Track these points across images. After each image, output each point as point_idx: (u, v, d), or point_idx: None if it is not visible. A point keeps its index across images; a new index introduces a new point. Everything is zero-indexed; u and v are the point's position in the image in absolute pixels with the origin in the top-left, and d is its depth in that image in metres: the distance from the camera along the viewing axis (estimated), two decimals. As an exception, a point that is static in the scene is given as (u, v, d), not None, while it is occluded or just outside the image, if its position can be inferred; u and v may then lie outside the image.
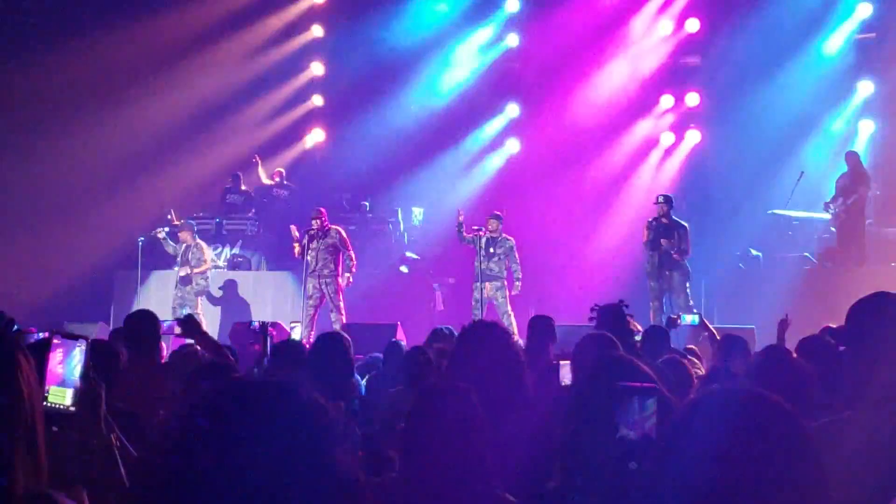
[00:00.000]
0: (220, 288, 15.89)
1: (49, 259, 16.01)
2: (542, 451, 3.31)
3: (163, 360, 6.63)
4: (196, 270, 15.08)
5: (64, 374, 2.59)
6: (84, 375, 2.62)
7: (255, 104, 18.27)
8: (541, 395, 4.35)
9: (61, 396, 2.57)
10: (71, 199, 16.35)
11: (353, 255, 14.15)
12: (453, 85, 18.83)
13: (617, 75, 18.06)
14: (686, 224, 13.91)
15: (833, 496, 1.70)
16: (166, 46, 17.03)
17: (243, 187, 17.68)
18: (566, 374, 4.50)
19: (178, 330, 5.97)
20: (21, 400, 2.01)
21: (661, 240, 13.58)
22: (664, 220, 13.73)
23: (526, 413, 3.85)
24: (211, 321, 14.54)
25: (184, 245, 15.30)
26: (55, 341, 2.58)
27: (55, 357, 2.58)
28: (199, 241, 15.49)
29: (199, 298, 15.14)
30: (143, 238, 15.38)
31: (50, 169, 16.24)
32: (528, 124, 18.68)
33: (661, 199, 13.93)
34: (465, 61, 18.91)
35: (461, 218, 14.32)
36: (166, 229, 15.50)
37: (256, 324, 10.12)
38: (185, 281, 15.07)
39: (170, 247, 15.33)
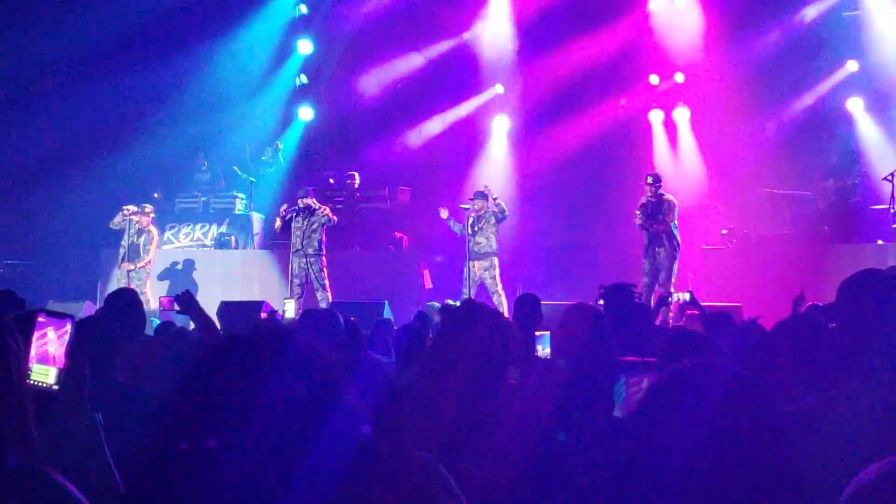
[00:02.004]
0: (207, 267, 15.84)
1: (33, 237, 15.93)
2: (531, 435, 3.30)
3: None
4: (139, 265, 14.69)
5: (48, 353, 2.57)
6: (69, 354, 2.60)
7: (244, 80, 18.15)
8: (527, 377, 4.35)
9: (45, 375, 2.55)
10: (54, 175, 16.22)
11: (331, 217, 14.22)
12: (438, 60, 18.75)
13: (605, 53, 18.01)
14: (674, 200, 13.89)
15: (809, 475, 1.69)
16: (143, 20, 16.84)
17: (205, 165, 17.56)
18: (544, 345, 4.50)
19: (177, 307, 5.93)
20: (10, 380, 2.01)
21: (656, 217, 13.58)
22: (653, 199, 13.73)
23: (511, 396, 3.84)
24: (199, 300, 14.45)
25: (136, 226, 14.82)
26: (40, 319, 2.55)
27: (40, 335, 2.55)
28: (153, 228, 15.07)
29: (148, 281, 14.92)
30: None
31: (32, 144, 16.11)
32: (515, 102, 18.64)
33: (649, 180, 13.91)
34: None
35: (446, 216, 14.33)
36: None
37: (264, 314, 10.19)
38: (132, 261, 14.73)
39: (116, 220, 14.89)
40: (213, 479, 1.48)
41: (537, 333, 6.15)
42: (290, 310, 12.14)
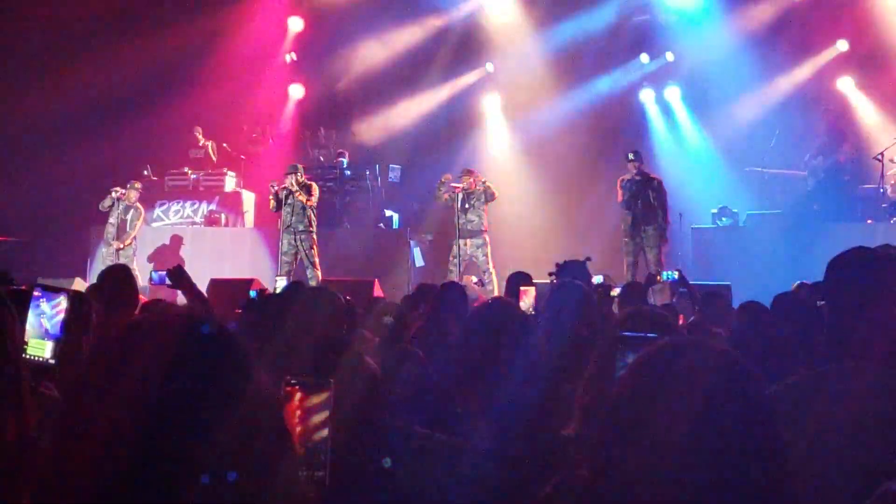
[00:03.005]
0: (197, 244, 15.81)
1: (23, 214, 15.86)
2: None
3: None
4: (126, 242, 14.89)
5: (44, 327, 2.56)
6: (65, 328, 2.59)
7: (232, 57, 18.05)
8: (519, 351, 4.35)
9: (41, 349, 2.55)
10: (44, 153, 16.14)
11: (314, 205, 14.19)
12: (429, 39, 18.66)
13: (597, 31, 17.96)
14: (659, 178, 13.90)
15: (797, 453, 1.69)
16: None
17: (201, 141, 17.51)
18: (529, 300, 4.49)
19: (168, 282, 5.92)
20: (8, 358, 2.01)
21: (643, 194, 13.54)
22: (637, 177, 13.69)
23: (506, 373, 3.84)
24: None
25: (123, 204, 14.99)
26: (36, 293, 2.55)
27: (35, 309, 2.55)
28: (139, 205, 15.23)
29: (135, 258, 15.01)
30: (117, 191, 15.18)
31: (21, 122, 16.02)
32: (504, 81, 18.59)
33: (631, 157, 13.84)
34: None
35: (447, 178, 14.31)
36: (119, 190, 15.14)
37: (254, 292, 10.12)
38: (120, 238, 14.86)
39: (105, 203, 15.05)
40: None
41: (522, 288, 6.13)
42: (280, 287, 12.10)
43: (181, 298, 6.16)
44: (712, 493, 1.58)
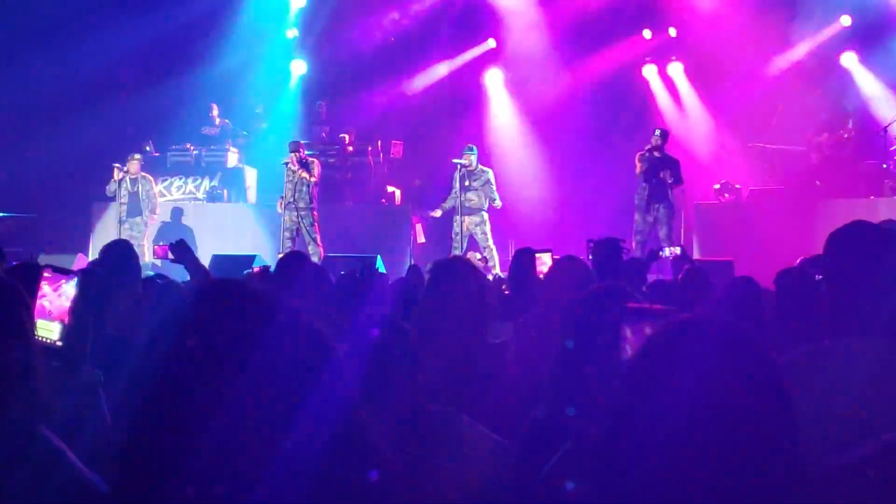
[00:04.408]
0: (199, 220, 15.80)
1: (25, 189, 15.84)
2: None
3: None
4: (157, 212, 15.03)
5: (52, 309, 2.55)
6: (73, 310, 2.57)
7: (232, 33, 17.98)
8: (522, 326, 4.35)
9: (49, 330, 2.53)
10: (45, 128, 16.11)
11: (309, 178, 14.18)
12: (431, 14, 18.57)
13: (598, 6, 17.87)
14: (678, 160, 13.89)
15: (803, 431, 1.68)
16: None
17: (217, 119, 17.49)
18: (544, 264, 4.48)
19: (171, 255, 5.91)
20: (19, 334, 2.00)
21: (659, 172, 13.52)
22: (657, 153, 13.65)
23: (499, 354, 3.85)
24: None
25: (128, 178, 14.89)
26: (46, 274, 2.53)
27: (45, 290, 2.53)
28: (146, 174, 15.22)
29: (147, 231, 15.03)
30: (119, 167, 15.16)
31: (22, 96, 15.98)
32: (507, 55, 18.51)
33: (657, 133, 13.83)
34: None
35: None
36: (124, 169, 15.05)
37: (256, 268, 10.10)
38: (133, 213, 14.86)
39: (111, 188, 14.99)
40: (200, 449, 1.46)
41: (538, 255, 6.12)
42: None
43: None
44: (726, 473, 1.58)
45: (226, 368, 1.48)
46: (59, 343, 2.54)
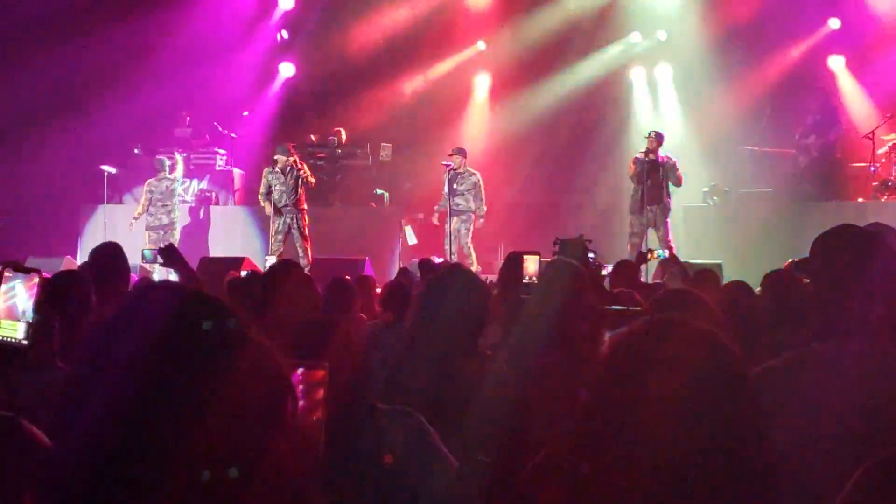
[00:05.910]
0: (187, 223, 15.77)
1: (13, 192, 15.80)
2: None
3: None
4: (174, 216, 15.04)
5: (16, 308, 2.55)
6: (37, 309, 2.58)
7: (221, 35, 17.93)
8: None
9: (13, 330, 2.54)
10: (34, 131, 16.05)
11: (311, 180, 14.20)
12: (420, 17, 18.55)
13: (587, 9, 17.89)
14: (674, 160, 13.83)
15: (781, 436, 1.68)
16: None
17: (187, 120, 17.45)
18: (532, 268, 4.47)
19: (160, 260, 5.90)
20: None
21: (655, 174, 13.49)
22: (652, 155, 13.60)
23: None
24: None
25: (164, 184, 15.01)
26: (7, 274, 2.54)
27: (8, 289, 2.54)
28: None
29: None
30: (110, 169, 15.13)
31: (11, 100, 15.92)
32: (497, 59, 18.52)
33: (651, 134, 13.74)
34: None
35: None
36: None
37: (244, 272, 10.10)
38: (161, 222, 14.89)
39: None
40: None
41: (526, 256, 6.14)
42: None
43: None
44: (697, 475, 1.57)
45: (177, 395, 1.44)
46: (24, 342, 2.55)
